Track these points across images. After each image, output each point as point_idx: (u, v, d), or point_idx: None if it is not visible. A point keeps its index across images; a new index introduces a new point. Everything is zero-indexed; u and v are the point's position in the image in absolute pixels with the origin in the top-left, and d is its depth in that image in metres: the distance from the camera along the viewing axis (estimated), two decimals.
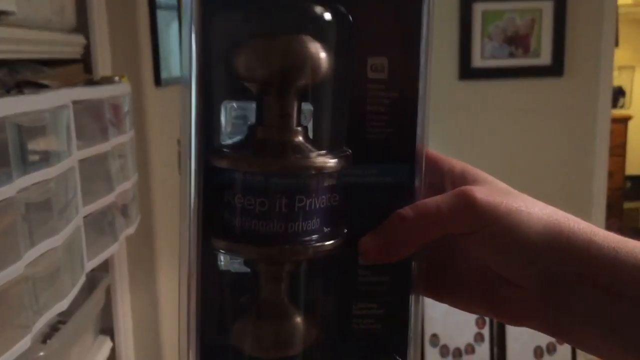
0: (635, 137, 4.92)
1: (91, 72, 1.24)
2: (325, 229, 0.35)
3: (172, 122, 1.81)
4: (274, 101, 0.34)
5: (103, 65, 1.28)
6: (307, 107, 0.36)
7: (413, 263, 0.38)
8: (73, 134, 0.91)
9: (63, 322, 1.01)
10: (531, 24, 2.48)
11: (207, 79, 0.34)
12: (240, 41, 0.34)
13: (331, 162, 0.34)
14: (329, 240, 0.35)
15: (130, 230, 1.21)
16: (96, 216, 1.01)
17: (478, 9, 2.47)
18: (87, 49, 1.24)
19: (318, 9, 0.35)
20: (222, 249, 0.35)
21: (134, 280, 1.45)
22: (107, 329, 1.33)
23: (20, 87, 0.91)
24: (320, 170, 0.34)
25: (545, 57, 2.50)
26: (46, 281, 0.80)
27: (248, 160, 0.34)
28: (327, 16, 0.35)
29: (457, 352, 2.42)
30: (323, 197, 0.35)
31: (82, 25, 1.23)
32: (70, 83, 1.05)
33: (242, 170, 0.34)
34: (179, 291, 0.36)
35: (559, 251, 0.35)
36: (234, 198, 0.34)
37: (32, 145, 0.80)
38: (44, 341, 0.95)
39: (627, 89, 5.09)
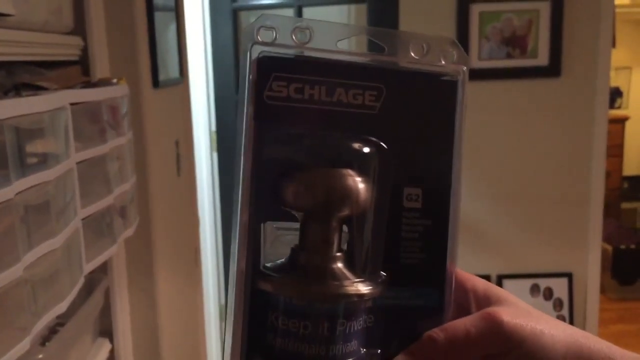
0: (633, 137, 4.93)
1: (89, 74, 1.24)
2: (362, 350, 0.38)
3: (170, 123, 1.80)
4: (317, 229, 0.37)
5: (101, 67, 1.28)
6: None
7: None
8: (71, 136, 0.91)
9: (62, 324, 1.01)
10: (528, 25, 2.48)
11: (256, 201, 0.36)
12: (288, 171, 0.37)
13: (369, 289, 0.37)
14: None
15: (129, 232, 1.21)
16: (95, 218, 1.01)
17: (475, 10, 2.47)
18: (85, 51, 1.24)
19: (359, 144, 0.38)
20: None
21: (133, 282, 1.45)
22: (106, 331, 1.33)
23: (18, 89, 0.91)
24: (361, 298, 0.37)
25: (542, 58, 2.50)
26: (45, 283, 0.80)
27: (292, 287, 0.36)
28: (368, 150, 0.38)
29: None
30: (360, 319, 0.37)
31: (79, 27, 1.23)
32: (68, 85, 1.05)
33: (286, 295, 0.36)
34: None
35: None
36: (277, 320, 0.36)
37: (30, 148, 0.80)
38: (42, 343, 0.95)
39: (624, 89, 5.10)
